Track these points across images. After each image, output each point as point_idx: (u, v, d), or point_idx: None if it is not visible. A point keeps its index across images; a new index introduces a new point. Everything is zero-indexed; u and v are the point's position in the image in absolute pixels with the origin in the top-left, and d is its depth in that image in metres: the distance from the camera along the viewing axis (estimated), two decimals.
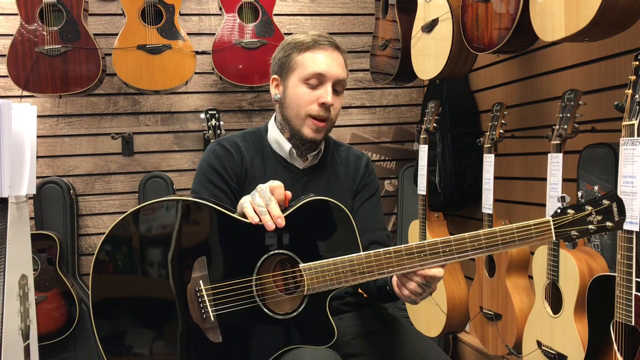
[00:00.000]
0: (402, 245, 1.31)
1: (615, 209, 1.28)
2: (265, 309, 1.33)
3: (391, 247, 1.31)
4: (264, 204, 1.31)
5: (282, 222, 1.30)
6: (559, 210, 1.32)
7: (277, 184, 1.35)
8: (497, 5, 2.03)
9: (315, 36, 1.58)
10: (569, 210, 1.30)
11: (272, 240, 1.35)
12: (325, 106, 1.55)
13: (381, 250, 1.31)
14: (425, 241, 1.30)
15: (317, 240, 1.37)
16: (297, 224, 1.36)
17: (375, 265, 1.31)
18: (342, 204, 1.47)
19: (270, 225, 1.30)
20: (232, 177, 1.56)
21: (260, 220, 1.30)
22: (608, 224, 1.28)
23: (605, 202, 1.29)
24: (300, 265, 1.34)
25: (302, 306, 1.35)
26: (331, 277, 1.32)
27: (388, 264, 1.30)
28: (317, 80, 1.55)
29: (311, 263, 1.33)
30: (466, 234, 1.30)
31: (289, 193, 1.36)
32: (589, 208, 1.29)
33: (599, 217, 1.29)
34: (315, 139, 1.58)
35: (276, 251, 1.35)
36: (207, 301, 1.30)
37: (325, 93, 1.54)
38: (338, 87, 1.58)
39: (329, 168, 1.69)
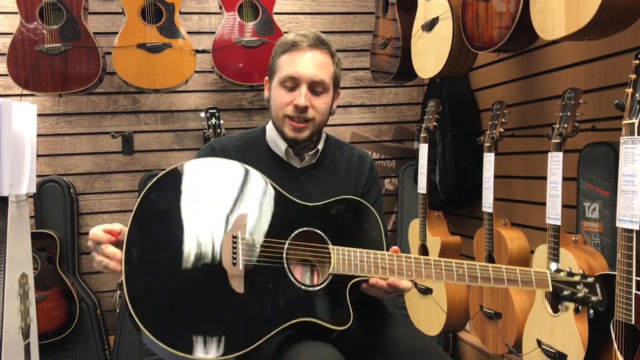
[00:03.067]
0: (421, 257, 1.45)
1: (598, 288, 1.46)
2: (290, 275, 1.38)
3: (411, 255, 1.44)
4: (102, 259, 1.29)
5: (119, 256, 1.28)
6: (554, 269, 1.50)
7: (93, 234, 1.30)
8: (498, 4, 2.03)
9: (297, 37, 1.57)
10: (561, 273, 1.49)
11: (309, 220, 1.45)
12: (298, 109, 1.55)
13: (403, 255, 1.44)
14: (442, 259, 1.45)
15: (348, 232, 1.49)
16: (332, 214, 1.49)
17: (397, 266, 1.42)
18: None
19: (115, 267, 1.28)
20: None
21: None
22: (593, 298, 1.46)
23: (590, 279, 1.47)
24: (329, 246, 1.42)
25: (325, 283, 1.41)
26: (356, 264, 1.41)
27: (407, 267, 1.42)
28: (291, 82, 1.56)
29: (340, 247, 1.43)
30: (477, 263, 1.46)
31: (115, 227, 1.32)
32: (577, 277, 1.48)
33: (586, 290, 1.46)
34: (297, 139, 1.59)
35: (311, 228, 1.44)
36: (240, 248, 1.34)
37: (299, 95, 1.55)
38: (317, 87, 1.57)
39: (328, 167, 1.69)
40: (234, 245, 1.34)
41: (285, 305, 1.35)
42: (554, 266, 1.51)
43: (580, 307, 1.48)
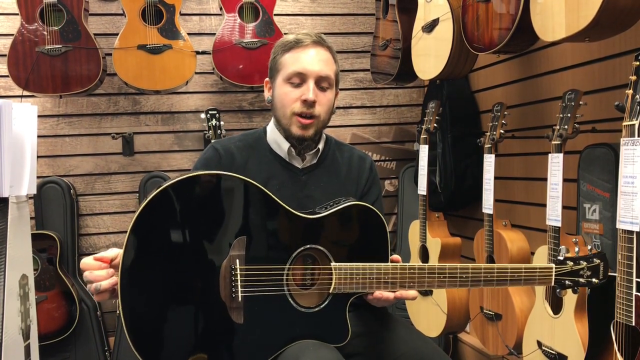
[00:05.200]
0: (426, 265, 1.42)
1: (601, 268, 1.48)
2: (290, 300, 1.37)
3: (415, 264, 1.41)
4: (92, 285, 1.25)
5: (112, 271, 1.26)
6: (561, 258, 1.49)
7: (83, 263, 1.28)
8: (498, 5, 2.03)
9: (299, 35, 1.60)
10: (568, 262, 1.48)
11: (310, 235, 1.40)
12: (307, 103, 1.56)
13: (406, 265, 1.41)
14: (446, 264, 1.42)
15: (351, 243, 1.45)
16: (334, 225, 1.43)
17: (399, 278, 1.40)
18: None
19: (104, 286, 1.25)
20: None
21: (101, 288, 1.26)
22: (594, 280, 1.48)
23: (596, 260, 1.48)
24: (332, 264, 1.39)
25: (325, 303, 1.40)
26: (357, 281, 1.39)
27: (411, 279, 1.41)
28: (299, 78, 1.57)
29: (342, 264, 1.39)
30: (482, 265, 1.44)
31: (108, 254, 1.30)
32: (584, 263, 1.48)
33: (589, 272, 1.48)
34: (304, 136, 1.59)
35: (312, 246, 1.40)
36: (239, 281, 1.31)
37: (307, 90, 1.56)
38: (323, 83, 1.59)
39: (329, 167, 1.69)
40: (233, 278, 1.31)
41: (284, 329, 1.37)
42: (563, 250, 1.52)
43: (577, 288, 1.51)
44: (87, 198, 3.27)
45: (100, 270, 1.25)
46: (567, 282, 1.47)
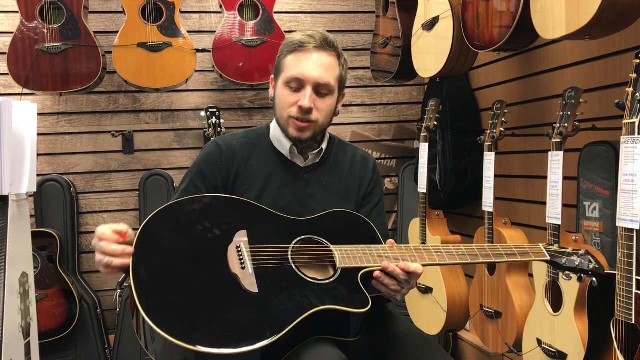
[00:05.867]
0: (421, 245, 1.49)
1: (591, 258, 1.50)
2: (300, 273, 1.39)
3: (411, 245, 1.49)
4: (103, 257, 1.29)
5: (129, 250, 1.30)
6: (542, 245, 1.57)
7: (101, 232, 1.32)
8: (498, 3, 2.03)
9: (304, 37, 1.57)
10: (552, 248, 1.55)
11: (305, 231, 1.49)
12: (303, 110, 1.55)
13: (402, 245, 1.49)
14: (440, 245, 1.49)
15: (345, 239, 1.50)
16: (325, 224, 1.53)
17: (399, 254, 1.45)
18: (347, 202, 1.64)
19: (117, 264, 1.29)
20: (216, 178, 1.61)
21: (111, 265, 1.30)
22: (591, 265, 1.48)
23: (581, 251, 1.51)
24: (331, 246, 1.45)
25: (335, 276, 1.41)
26: (360, 256, 1.43)
27: (410, 254, 1.45)
28: (297, 83, 1.56)
29: (341, 245, 1.46)
30: (473, 245, 1.50)
31: (122, 227, 1.34)
32: (569, 249, 1.53)
33: (582, 260, 1.50)
34: (300, 138, 1.59)
35: (311, 236, 1.48)
36: (245, 255, 1.37)
37: (304, 97, 1.55)
38: (322, 90, 1.57)
39: (332, 167, 1.69)
40: (240, 253, 1.37)
41: (302, 298, 1.35)
42: (542, 245, 1.55)
43: (583, 276, 1.50)
44: (87, 196, 3.27)
45: (117, 245, 1.29)
46: (564, 260, 1.49)
